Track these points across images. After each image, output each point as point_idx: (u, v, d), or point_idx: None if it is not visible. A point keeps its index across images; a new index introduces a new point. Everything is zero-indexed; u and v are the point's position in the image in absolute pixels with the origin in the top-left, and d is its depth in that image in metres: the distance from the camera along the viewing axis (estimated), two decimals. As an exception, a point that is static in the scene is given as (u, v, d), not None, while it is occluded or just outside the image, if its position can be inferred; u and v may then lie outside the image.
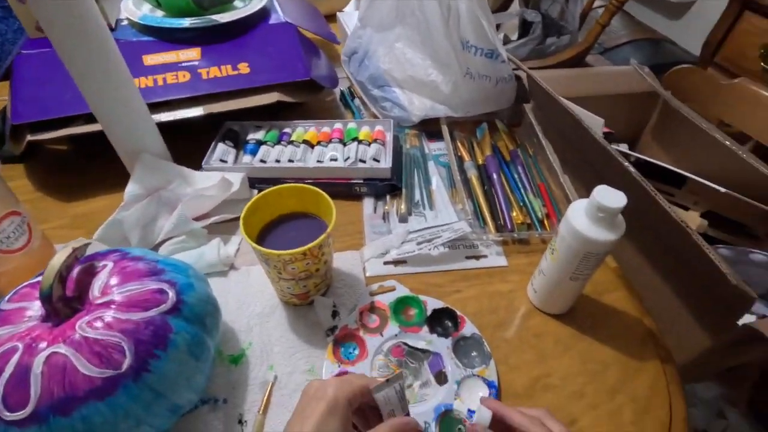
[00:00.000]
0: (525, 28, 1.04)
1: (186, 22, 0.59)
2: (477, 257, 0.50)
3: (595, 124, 0.66)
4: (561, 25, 1.08)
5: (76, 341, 0.28)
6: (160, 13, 0.64)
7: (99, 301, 0.30)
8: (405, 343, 0.41)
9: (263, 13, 0.66)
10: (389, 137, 0.59)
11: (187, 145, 0.56)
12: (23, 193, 0.57)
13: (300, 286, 0.42)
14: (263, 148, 0.58)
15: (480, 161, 0.60)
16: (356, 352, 0.41)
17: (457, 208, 0.55)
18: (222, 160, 0.57)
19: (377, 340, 0.42)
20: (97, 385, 0.27)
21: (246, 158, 0.57)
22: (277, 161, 0.56)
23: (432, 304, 0.44)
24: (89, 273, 0.32)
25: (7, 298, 0.31)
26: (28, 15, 0.56)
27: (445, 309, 0.44)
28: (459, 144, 0.62)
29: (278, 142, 0.59)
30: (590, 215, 0.36)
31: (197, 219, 0.51)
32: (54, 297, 0.29)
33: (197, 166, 0.55)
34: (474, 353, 0.41)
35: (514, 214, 0.53)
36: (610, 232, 0.35)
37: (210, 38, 0.60)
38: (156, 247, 0.49)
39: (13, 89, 0.53)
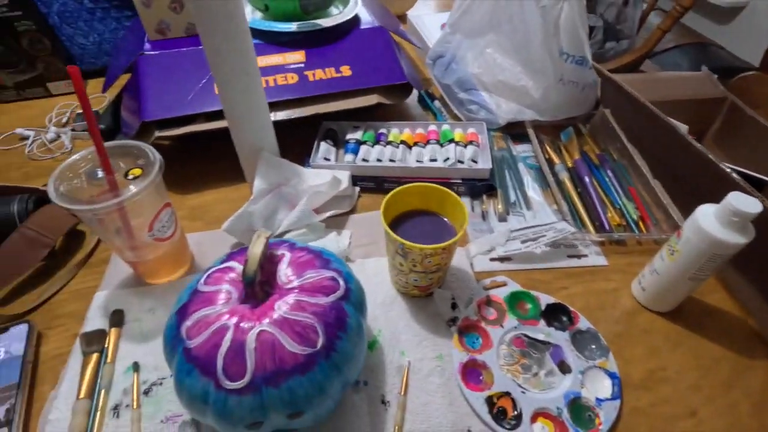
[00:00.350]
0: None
1: (293, 26, 0.62)
2: (578, 256, 0.52)
3: (681, 129, 0.67)
4: (619, 30, 1.09)
5: (279, 321, 0.31)
6: (258, 14, 0.67)
7: (287, 287, 0.33)
8: (525, 335, 0.44)
9: (355, 19, 0.69)
10: (484, 139, 0.62)
11: (285, 143, 0.59)
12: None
13: (427, 279, 0.45)
14: (364, 147, 0.61)
15: (569, 164, 0.62)
16: (480, 341, 0.44)
17: (553, 209, 0.57)
18: (326, 159, 0.60)
19: (498, 331, 0.44)
20: (301, 362, 0.30)
21: (348, 157, 0.60)
22: (379, 160, 0.59)
23: (544, 299, 0.47)
24: (272, 261, 0.35)
25: (202, 280, 0.34)
26: (150, 18, 0.60)
27: (558, 304, 0.47)
28: (546, 147, 0.64)
29: (377, 143, 0.62)
30: (721, 219, 0.38)
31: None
32: (255, 282, 0.32)
33: (299, 162, 0.58)
34: (592, 346, 0.44)
35: (610, 215, 0.55)
36: (740, 235, 0.38)
37: (311, 42, 0.64)
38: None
39: (140, 88, 0.57)
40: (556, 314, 0.46)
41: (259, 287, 0.33)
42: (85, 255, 0.52)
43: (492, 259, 0.52)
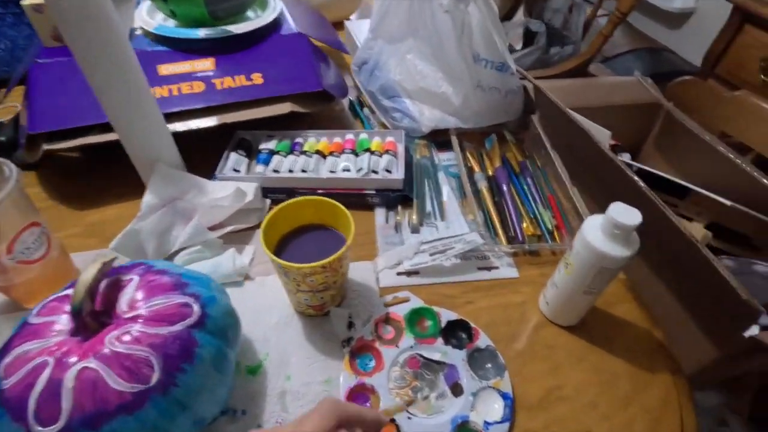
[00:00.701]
0: (529, 37, 1.06)
1: (200, 33, 0.59)
2: (489, 268, 0.50)
3: (603, 135, 0.67)
4: (564, 35, 1.10)
5: (106, 356, 0.28)
6: (171, 22, 0.64)
7: (127, 316, 0.31)
8: (420, 355, 0.42)
9: (275, 24, 0.66)
10: (401, 148, 0.60)
11: (199, 154, 0.56)
12: (37, 201, 0.56)
13: (317, 298, 0.42)
14: (276, 157, 0.58)
15: (490, 172, 0.60)
16: (372, 363, 0.42)
17: (468, 219, 0.55)
18: (235, 170, 0.57)
19: (393, 351, 0.42)
20: (128, 400, 0.28)
21: (259, 168, 0.58)
22: (290, 171, 0.57)
23: (446, 315, 0.45)
24: (116, 287, 0.32)
25: (35, 311, 0.31)
26: (43, 24, 0.56)
27: (459, 321, 0.45)
28: (469, 155, 0.63)
29: (291, 152, 0.59)
30: (605, 231, 0.36)
31: (212, 229, 0.51)
32: (84, 312, 0.29)
33: (209, 175, 0.56)
34: (489, 365, 0.42)
35: (525, 225, 0.54)
36: (625, 248, 0.36)
37: (223, 48, 0.61)
38: (171, 257, 0.49)
39: (30, 99, 0.53)
40: (455, 331, 0.44)
41: (90, 317, 0.30)
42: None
43: (399, 274, 0.50)
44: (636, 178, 0.52)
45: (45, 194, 0.58)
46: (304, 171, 0.57)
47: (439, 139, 0.66)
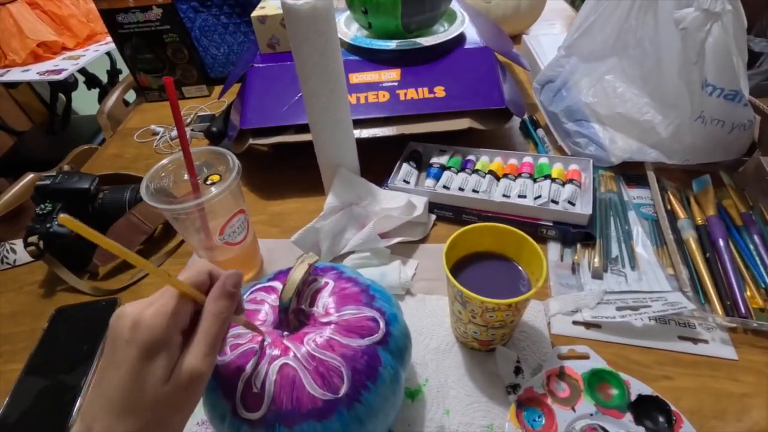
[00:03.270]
0: (751, 59, 0.87)
1: (393, 44, 0.61)
2: (694, 340, 0.41)
3: None
4: (797, 58, 0.88)
5: (304, 357, 0.29)
6: (362, 32, 0.68)
7: (323, 320, 0.31)
8: (603, 428, 0.36)
9: (460, 37, 0.65)
10: (587, 179, 0.53)
11: (369, 160, 0.57)
12: (234, 187, 0.65)
13: (488, 334, 0.39)
14: (447, 173, 0.57)
15: (699, 221, 0.50)
16: (542, 421, 0.37)
17: (667, 273, 0.46)
18: (405, 181, 0.57)
19: (568, 414, 0.37)
20: (319, 406, 0.28)
21: (428, 182, 0.57)
22: (461, 189, 0.54)
23: (637, 387, 0.38)
24: (314, 289, 0.33)
25: (245, 297, 0.34)
26: (263, 33, 0.64)
27: (654, 398, 0.37)
28: (670, 195, 0.53)
29: (462, 169, 0.57)
30: None
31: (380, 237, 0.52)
32: (290, 309, 0.30)
33: (379, 182, 0.56)
34: (696, 466, 0.33)
35: (749, 294, 0.43)
36: None
37: (409, 60, 0.62)
38: (339, 258, 0.51)
39: (244, 97, 0.61)
40: (649, 410, 0.36)
41: (293, 315, 0.31)
42: (173, 246, 0.57)
43: (575, 323, 0.44)
44: None
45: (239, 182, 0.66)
46: (475, 191, 0.54)
47: (629, 172, 0.58)
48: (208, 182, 0.43)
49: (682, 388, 0.38)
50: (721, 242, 0.47)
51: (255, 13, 0.63)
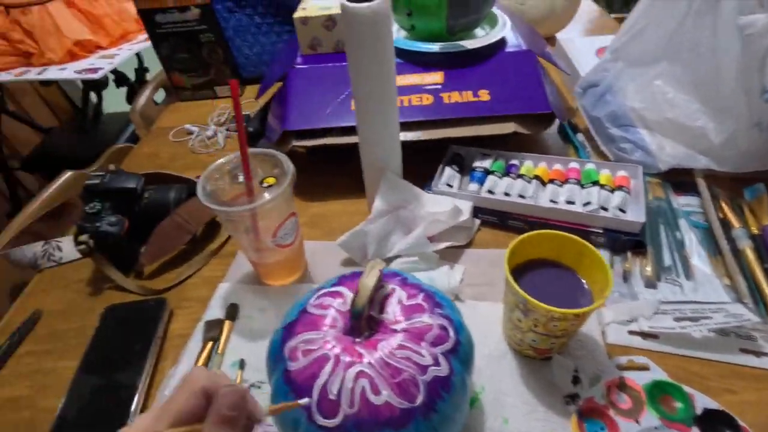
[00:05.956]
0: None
1: (436, 47, 0.60)
2: (757, 353, 0.40)
3: None
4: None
5: (379, 364, 0.29)
6: (402, 34, 0.68)
7: (393, 327, 0.31)
8: (669, 442, 0.35)
9: (502, 40, 0.65)
10: (637, 185, 0.53)
11: (409, 163, 0.57)
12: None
13: (548, 343, 0.39)
14: (491, 177, 0.56)
15: (754, 230, 0.49)
16: (605, 433, 0.36)
17: (724, 283, 0.45)
18: (448, 185, 0.57)
19: (632, 426, 0.36)
20: (395, 415, 0.28)
21: (472, 186, 0.56)
22: (507, 194, 0.54)
23: (702, 401, 0.37)
24: (382, 295, 0.33)
25: (311, 300, 0.34)
26: (305, 35, 0.64)
27: (721, 412, 0.36)
28: (722, 204, 0.52)
29: (506, 174, 0.57)
30: None
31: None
32: (363, 315, 0.30)
33: (421, 186, 0.56)
34: (770, 484, 0.33)
35: (812, 308, 0.42)
36: None
37: (452, 63, 0.61)
38: (385, 262, 0.51)
39: (286, 98, 0.61)
40: (716, 425, 0.36)
41: (365, 322, 0.31)
42: (217, 246, 0.57)
43: (631, 332, 0.43)
44: None
45: (279, 182, 0.66)
46: (521, 196, 0.53)
47: (677, 179, 0.57)
48: (264, 185, 0.43)
49: (747, 402, 0.38)
50: (779, 253, 0.46)
51: (297, 15, 0.63)
